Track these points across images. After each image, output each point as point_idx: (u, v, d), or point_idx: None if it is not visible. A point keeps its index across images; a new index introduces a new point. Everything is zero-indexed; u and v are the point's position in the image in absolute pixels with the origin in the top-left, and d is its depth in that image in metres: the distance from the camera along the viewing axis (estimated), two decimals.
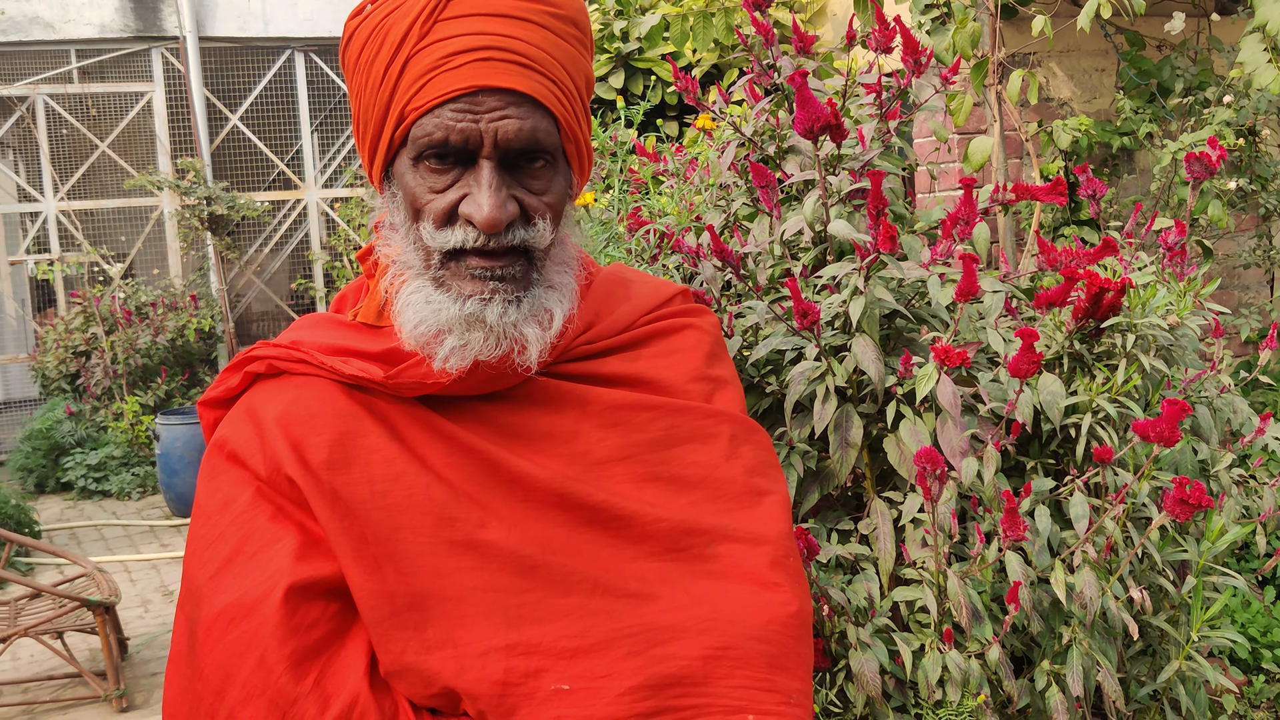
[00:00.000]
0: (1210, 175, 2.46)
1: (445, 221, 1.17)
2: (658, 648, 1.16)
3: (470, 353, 1.17)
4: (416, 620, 1.14)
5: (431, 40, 1.16)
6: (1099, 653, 1.98)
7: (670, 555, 1.23)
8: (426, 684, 1.13)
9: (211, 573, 1.17)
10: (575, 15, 1.24)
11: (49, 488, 8.66)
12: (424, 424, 1.22)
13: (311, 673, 1.11)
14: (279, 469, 1.18)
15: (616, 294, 1.37)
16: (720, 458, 1.30)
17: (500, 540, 1.18)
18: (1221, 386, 2.35)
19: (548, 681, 1.13)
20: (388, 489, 1.18)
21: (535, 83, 1.17)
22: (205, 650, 1.14)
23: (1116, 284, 2.06)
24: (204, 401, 1.34)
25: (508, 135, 1.15)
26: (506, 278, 1.18)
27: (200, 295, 9.56)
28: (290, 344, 1.26)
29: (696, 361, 1.36)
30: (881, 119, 2.27)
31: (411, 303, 1.20)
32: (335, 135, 10.66)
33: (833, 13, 5.45)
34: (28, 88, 9.34)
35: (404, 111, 1.17)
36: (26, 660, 5.16)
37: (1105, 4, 3.15)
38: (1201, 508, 1.80)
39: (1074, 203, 4.36)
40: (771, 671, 1.18)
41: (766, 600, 1.22)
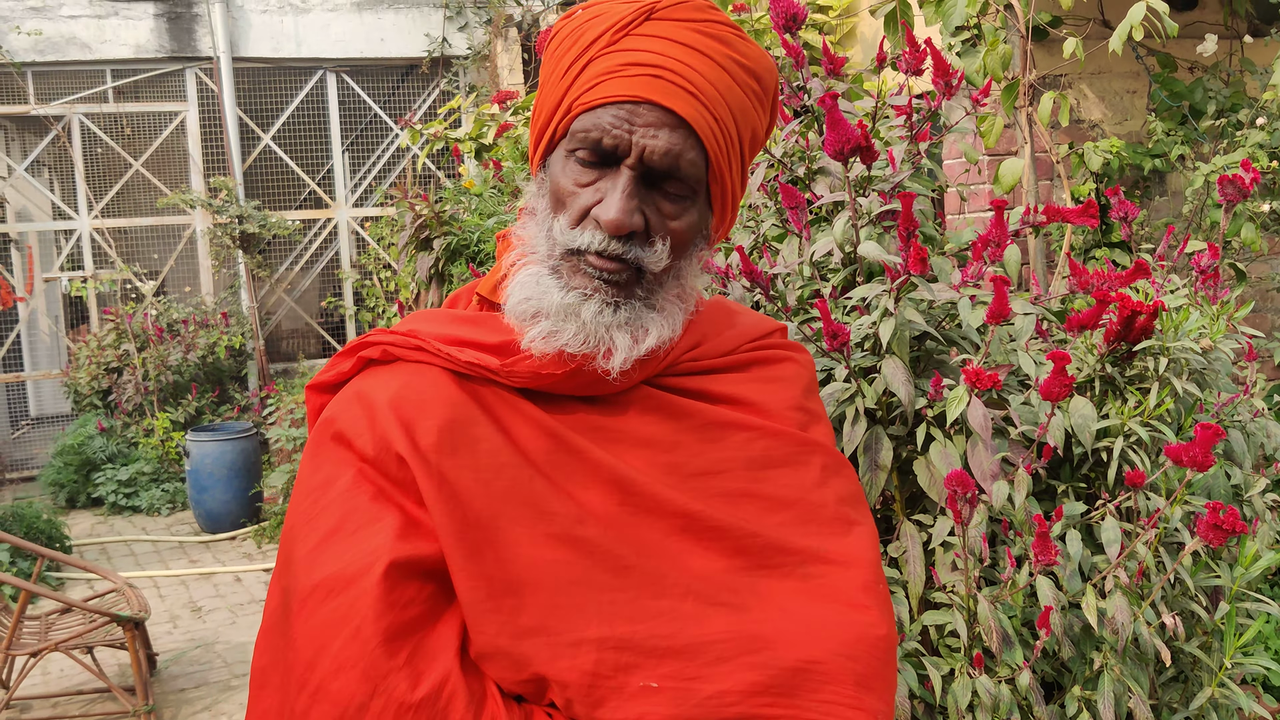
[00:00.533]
0: (1243, 198, 2.45)
1: (578, 221, 1.22)
2: (747, 656, 1.17)
3: (558, 340, 1.21)
4: (512, 606, 1.16)
5: (617, 49, 1.23)
6: (1131, 679, 1.96)
7: (762, 570, 1.24)
8: (517, 669, 1.15)
9: (311, 547, 1.19)
10: (759, 70, 1.29)
11: (80, 503, 8.73)
12: (529, 419, 1.25)
13: (405, 649, 1.13)
14: (388, 447, 1.21)
15: (722, 320, 1.41)
16: (813, 484, 1.32)
17: (597, 538, 1.20)
18: (1255, 410, 2.33)
19: (637, 678, 1.15)
20: (491, 478, 1.21)
21: (696, 111, 1.21)
22: (300, 621, 1.16)
23: (1149, 307, 2.05)
24: (313, 385, 1.38)
25: (654, 152, 1.19)
26: (611, 282, 1.22)
27: (231, 313, 9.63)
28: (407, 332, 1.30)
29: (795, 392, 1.39)
30: (912, 141, 2.27)
31: (523, 281, 1.24)
32: (366, 155, 10.73)
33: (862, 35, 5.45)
34: (64, 107, 9.46)
35: (571, 105, 1.23)
36: (56, 675, 5.19)
37: (1138, 26, 3.14)
38: (1235, 533, 1.79)
39: (1105, 225, 4.34)
40: (859, 690, 1.19)
41: (856, 621, 1.23)
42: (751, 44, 1.28)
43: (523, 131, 5.32)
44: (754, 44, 1.29)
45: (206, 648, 5.54)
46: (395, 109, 10.41)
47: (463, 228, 4.64)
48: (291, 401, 7.62)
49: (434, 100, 10.33)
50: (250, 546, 7.54)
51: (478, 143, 5.79)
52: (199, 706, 4.80)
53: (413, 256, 4.88)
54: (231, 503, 7.80)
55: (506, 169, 4.91)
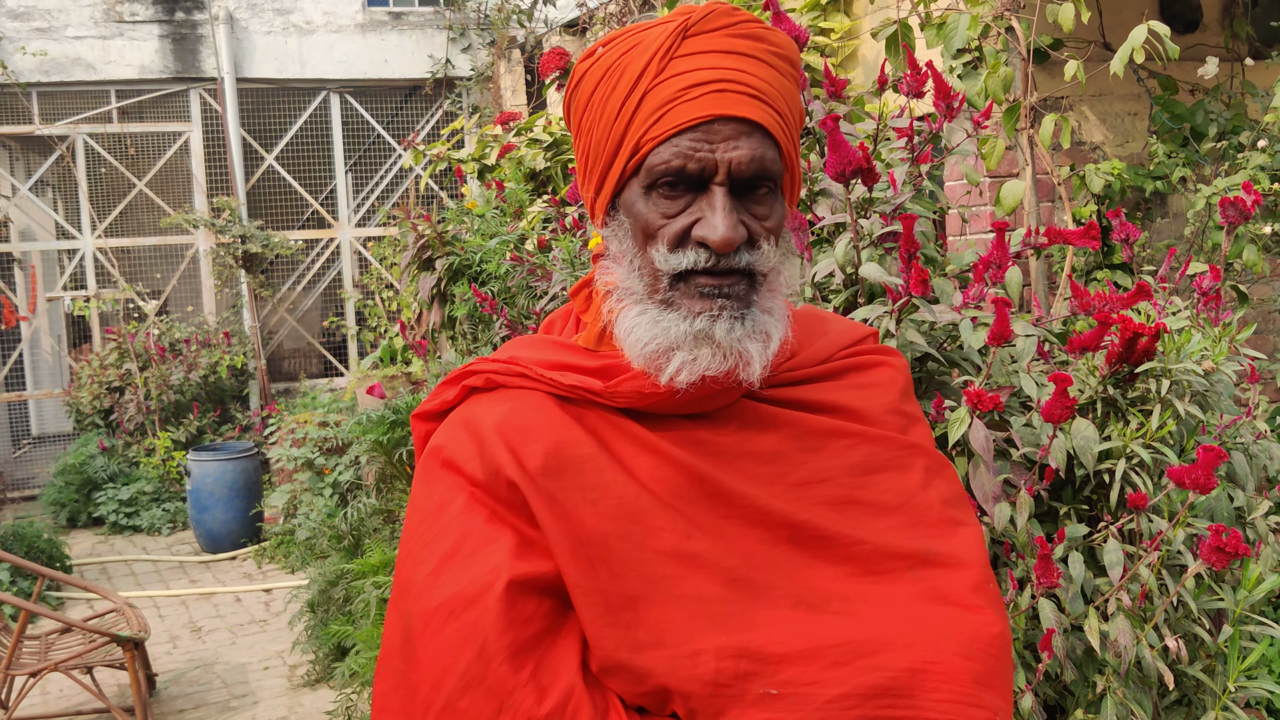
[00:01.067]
0: (1245, 220, 2.45)
1: (677, 245, 1.22)
2: (864, 659, 1.18)
3: (699, 367, 1.22)
4: (629, 620, 1.17)
5: (668, 75, 1.23)
6: (1134, 702, 1.95)
7: (871, 577, 1.25)
8: (638, 681, 1.17)
9: (429, 570, 1.21)
10: (791, 54, 1.31)
11: (81, 522, 8.72)
12: (632, 438, 1.27)
13: (529, 664, 1.15)
14: (498, 473, 1.23)
15: (815, 329, 1.42)
16: (916, 487, 1.32)
17: (705, 552, 1.21)
18: (1258, 433, 2.33)
19: (756, 685, 1.16)
20: (599, 497, 1.22)
21: (765, 112, 1.23)
22: (423, 643, 1.18)
23: (1150, 329, 2.04)
24: (418, 414, 1.40)
25: (741, 162, 1.20)
26: (732, 295, 1.23)
27: (233, 332, 9.64)
28: (509, 359, 1.32)
29: (892, 396, 1.40)
30: (913, 163, 2.27)
31: (639, 324, 1.25)
32: (369, 175, 10.77)
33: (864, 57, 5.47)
34: (68, 127, 9.50)
35: (640, 142, 1.23)
36: (56, 695, 5.17)
37: (1139, 49, 3.15)
38: (1238, 555, 1.78)
39: (1107, 247, 4.35)
40: (978, 688, 1.19)
41: (970, 620, 1.24)
42: (777, 32, 1.30)
43: (525, 152, 5.33)
44: (778, 30, 1.31)
45: (206, 668, 5.52)
46: (398, 130, 10.44)
47: (465, 248, 4.65)
48: (293, 421, 7.62)
49: (437, 121, 10.37)
50: (251, 566, 7.52)
51: (480, 163, 5.81)
52: None
53: (415, 276, 4.89)
54: (232, 523, 7.79)
55: (509, 189, 4.92)
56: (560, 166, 5.30)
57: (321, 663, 5.19)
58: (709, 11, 1.26)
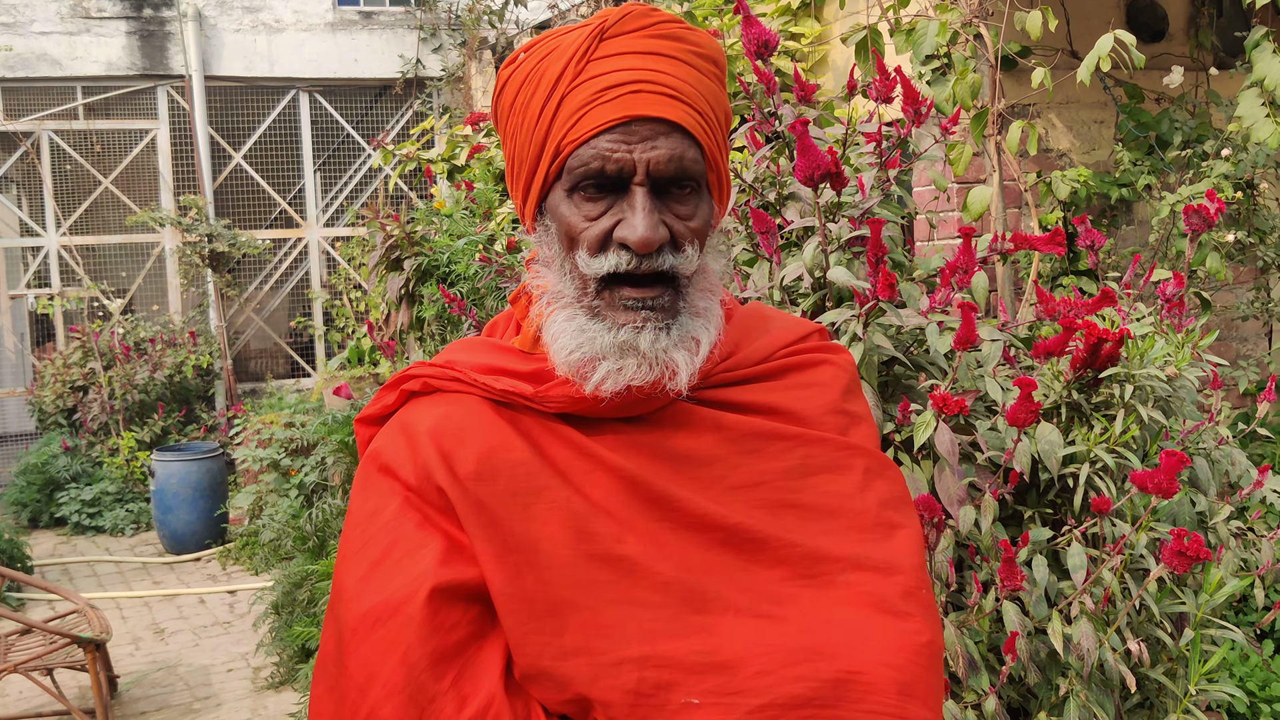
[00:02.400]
0: (1208, 227, 2.48)
1: (599, 248, 1.22)
2: (788, 668, 1.17)
3: (624, 377, 1.22)
4: (554, 626, 1.17)
5: (585, 78, 1.23)
6: (1096, 705, 1.97)
7: (803, 580, 1.25)
8: (560, 689, 1.17)
9: (359, 576, 1.22)
10: (714, 55, 1.31)
11: (43, 523, 8.62)
12: (566, 441, 1.26)
13: (450, 672, 1.15)
14: (429, 478, 1.23)
15: (756, 327, 1.41)
16: (854, 489, 1.32)
17: (637, 556, 1.21)
18: (1220, 438, 2.35)
19: (678, 695, 1.16)
20: (530, 501, 1.22)
21: (683, 112, 1.23)
22: (351, 649, 1.19)
23: (1115, 334, 2.06)
24: (361, 419, 1.40)
25: (659, 162, 1.20)
26: (657, 307, 1.23)
27: (199, 332, 9.57)
28: (445, 363, 1.33)
29: (833, 396, 1.39)
30: (881, 168, 2.28)
31: (565, 330, 1.24)
32: (338, 175, 10.71)
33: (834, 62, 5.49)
34: (33, 123, 9.40)
35: (560, 145, 1.23)
36: (15, 697, 5.12)
37: (1105, 57, 3.18)
38: (1200, 560, 1.80)
39: (1072, 253, 4.38)
40: (902, 699, 1.19)
41: (898, 629, 1.23)
42: (698, 31, 1.30)
43: (495, 153, 5.31)
44: (700, 30, 1.30)
45: (169, 670, 5.47)
46: (368, 129, 10.39)
47: (434, 248, 4.64)
48: (258, 422, 7.57)
49: (407, 121, 10.33)
50: (215, 568, 7.46)
51: (450, 164, 5.79)
52: None
53: (383, 277, 4.86)
54: (197, 524, 7.73)
55: (479, 190, 4.90)
56: None
57: (286, 665, 5.15)
58: (626, 13, 1.26)
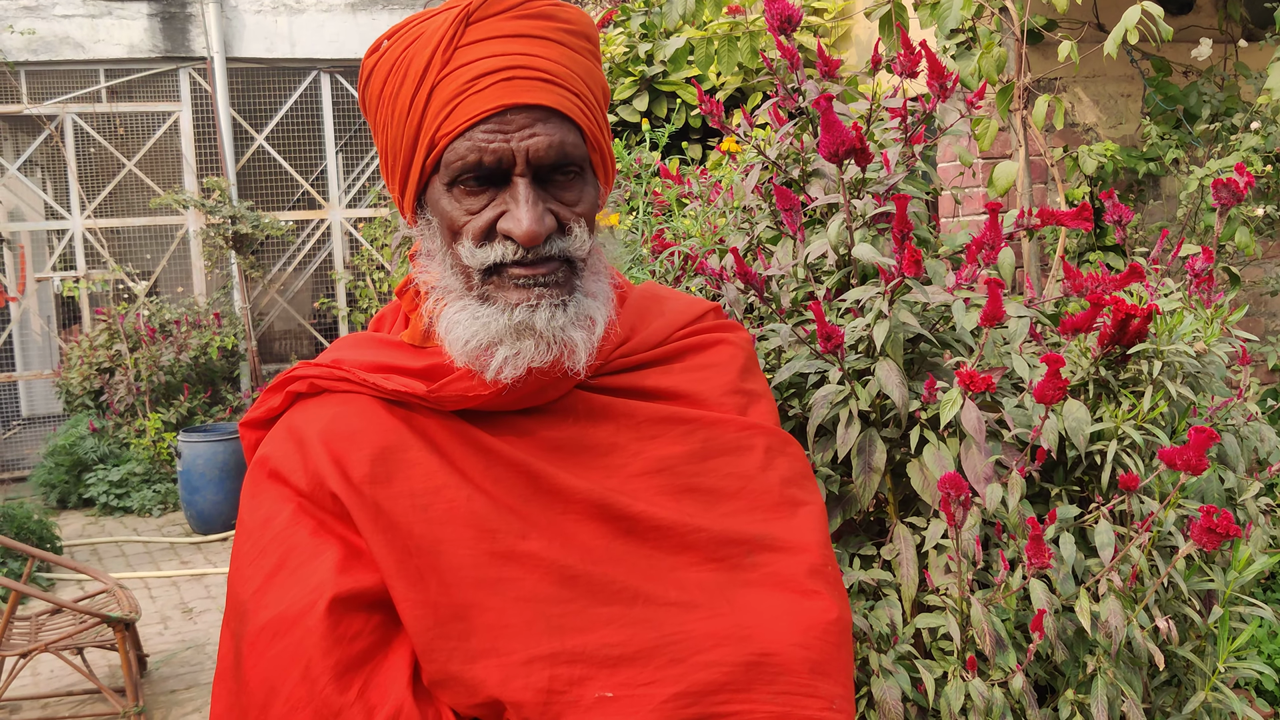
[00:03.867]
0: (1237, 202, 2.45)
1: (484, 239, 1.19)
2: (700, 655, 1.17)
3: (523, 360, 1.19)
4: (460, 630, 1.14)
5: (454, 66, 1.18)
6: (1124, 683, 1.96)
7: (709, 565, 1.24)
8: (471, 693, 1.14)
9: (255, 588, 1.18)
10: (586, 29, 1.26)
11: (71, 503, 8.70)
12: (464, 438, 1.23)
13: (356, 683, 1.12)
14: (322, 484, 1.19)
15: (651, 309, 1.39)
16: (756, 469, 1.31)
17: (541, 551, 1.19)
18: (1249, 414, 2.33)
19: (591, 689, 1.14)
20: (429, 502, 1.19)
21: (560, 97, 1.19)
22: (250, 664, 1.15)
23: (1143, 310, 2.04)
24: (246, 423, 1.36)
25: (539, 150, 1.17)
26: (550, 283, 1.20)
27: (223, 313, 9.62)
28: (331, 363, 1.28)
29: (731, 375, 1.37)
30: (906, 143, 2.26)
31: (459, 320, 1.21)
32: (359, 156, 10.72)
33: (857, 37, 5.45)
34: (56, 107, 9.44)
35: (434, 138, 1.19)
36: (46, 675, 5.17)
37: (1132, 30, 3.15)
38: (1229, 537, 1.78)
39: (1099, 228, 4.35)
40: (814, 677, 1.19)
41: (806, 607, 1.23)
42: (569, 7, 1.25)
43: None
44: (569, 6, 1.26)
45: (197, 649, 5.52)
46: None
47: None
48: None
49: None
50: None
51: None
52: (190, 708, 4.79)
53: (406, 258, 4.87)
54: (223, 504, 7.78)
55: None
56: None
57: None
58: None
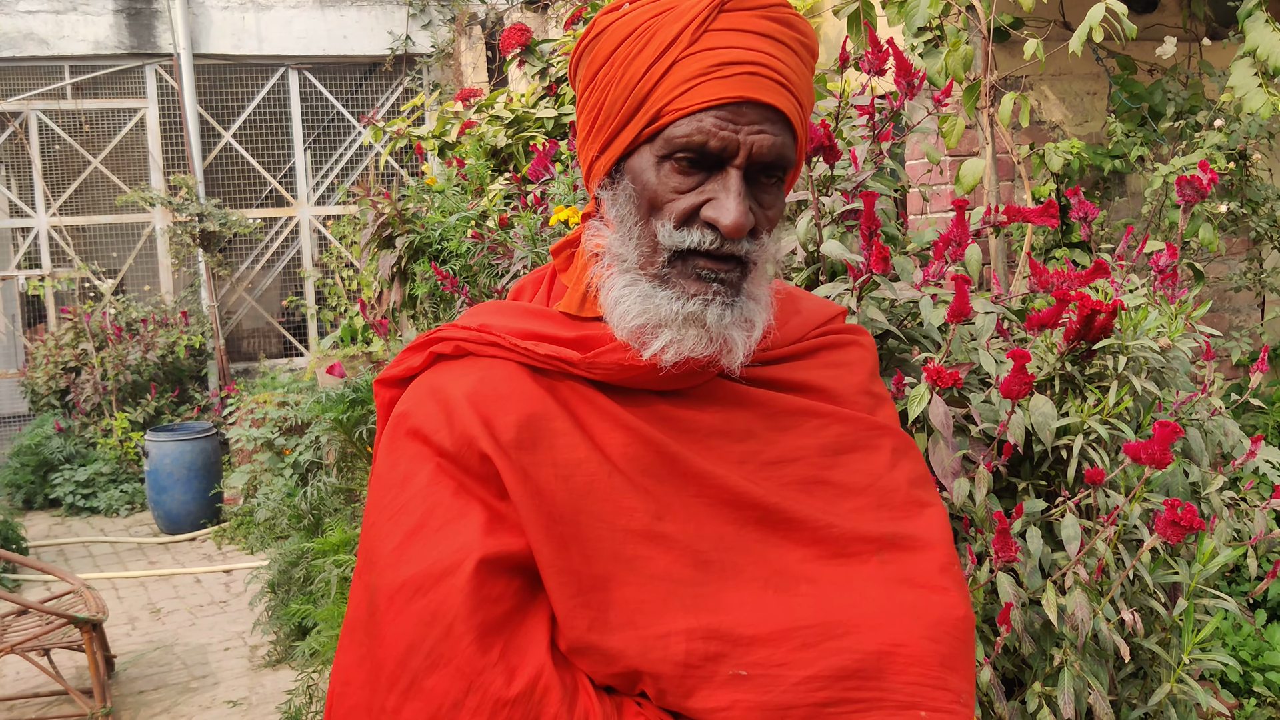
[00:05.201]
0: (1201, 198, 2.47)
1: (684, 222, 1.20)
2: (832, 641, 1.18)
3: (684, 349, 1.20)
4: (600, 601, 1.17)
5: (701, 48, 1.19)
6: (1090, 675, 1.98)
7: (839, 559, 1.25)
8: (609, 663, 1.16)
9: (396, 544, 1.19)
10: (813, 45, 1.28)
11: (37, 504, 8.62)
12: (605, 414, 1.25)
13: (497, 645, 1.13)
14: (471, 444, 1.20)
15: (788, 307, 1.40)
16: (884, 468, 1.33)
17: (676, 533, 1.21)
18: (1213, 409, 2.35)
19: (726, 666, 1.16)
20: (570, 473, 1.20)
21: (790, 102, 1.21)
22: (388, 619, 1.16)
23: (1108, 306, 2.06)
24: (382, 380, 1.36)
25: (762, 149, 1.18)
26: (727, 282, 1.21)
27: (191, 312, 9.54)
28: (480, 326, 1.28)
29: (862, 376, 1.40)
30: (874, 141, 2.27)
31: (627, 295, 1.22)
32: (328, 153, 10.66)
33: (826, 35, 5.47)
34: (21, 103, 9.34)
35: (662, 110, 1.19)
36: (12, 677, 5.12)
37: (1097, 27, 3.17)
38: (1193, 530, 1.80)
39: (1065, 225, 4.38)
40: (944, 670, 1.21)
41: (936, 603, 1.24)
42: (804, 19, 1.27)
43: (486, 129, 5.29)
44: (804, 18, 1.28)
45: (165, 649, 5.48)
46: (358, 107, 10.34)
47: (426, 225, 4.62)
48: (252, 401, 7.56)
49: (397, 98, 10.28)
50: (210, 548, 7.47)
51: (441, 140, 5.76)
52: (158, 709, 4.76)
53: (375, 255, 4.85)
54: (191, 503, 7.73)
55: (470, 166, 4.89)
56: (522, 144, 5.27)
57: (282, 643, 5.17)
58: None
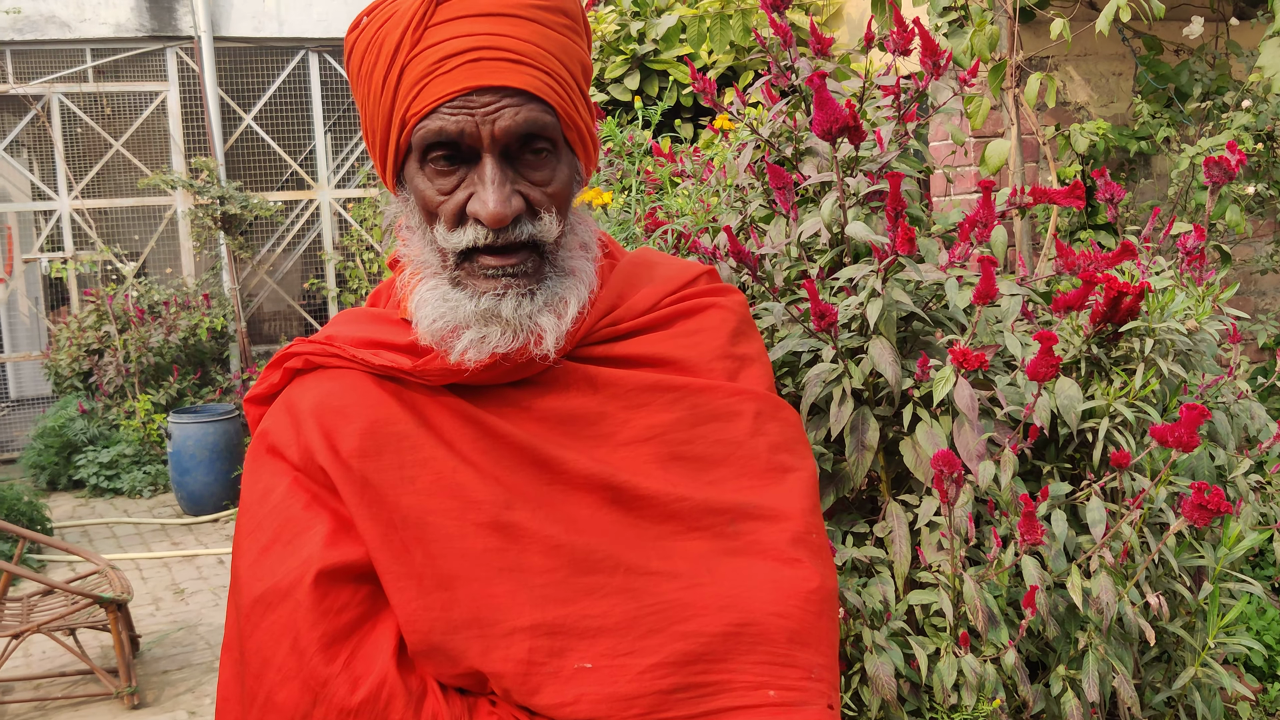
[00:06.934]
0: (1228, 180, 2.45)
1: (456, 222, 1.20)
2: (678, 625, 1.18)
3: (488, 346, 1.20)
4: (443, 601, 1.17)
5: (423, 46, 1.18)
6: (1115, 658, 1.97)
7: (692, 534, 1.24)
8: (453, 663, 1.16)
9: (250, 560, 1.21)
10: (564, 4, 1.25)
11: (61, 485, 8.68)
12: (452, 411, 1.25)
13: (342, 654, 1.15)
14: (311, 458, 1.22)
15: (640, 276, 1.38)
16: (744, 435, 1.30)
17: (525, 521, 1.20)
18: (1239, 392, 2.34)
19: (571, 660, 1.16)
20: (416, 474, 1.21)
21: (529, 77, 1.18)
22: (247, 634, 1.18)
23: (1134, 288, 2.05)
24: (249, 398, 1.39)
25: (504, 127, 1.16)
26: (518, 274, 1.20)
27: (213, 294, 9.58)
28: (325, 339, 1.31)
29: (720, 340, 1.36)
30: (899, 121, 2.26)
31: (428, 299, 1.23)
32: (348, 136, 10.68)
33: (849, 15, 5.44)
34: (43, 87, 9.37)
35: (405, 117, 1.19)
36: (39, 657, 5.17)
37: (1124, 7, 3.14)
38: (1220, 513, 1.79)
39: (1091, 207, 4.35)
40: (792, 647, 1.19)
41: (786, 576, 1.23)
42: None
43: None
44: None
45: (189, 630, 5.52)
46: None
47: None
48: None
49: None
50: (233, 529, 7.50)
51: None
52: (182, 688, 4.80)
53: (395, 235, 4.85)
54: (214, 485, 7.77)
55: None
56: None
57: None
58: None
